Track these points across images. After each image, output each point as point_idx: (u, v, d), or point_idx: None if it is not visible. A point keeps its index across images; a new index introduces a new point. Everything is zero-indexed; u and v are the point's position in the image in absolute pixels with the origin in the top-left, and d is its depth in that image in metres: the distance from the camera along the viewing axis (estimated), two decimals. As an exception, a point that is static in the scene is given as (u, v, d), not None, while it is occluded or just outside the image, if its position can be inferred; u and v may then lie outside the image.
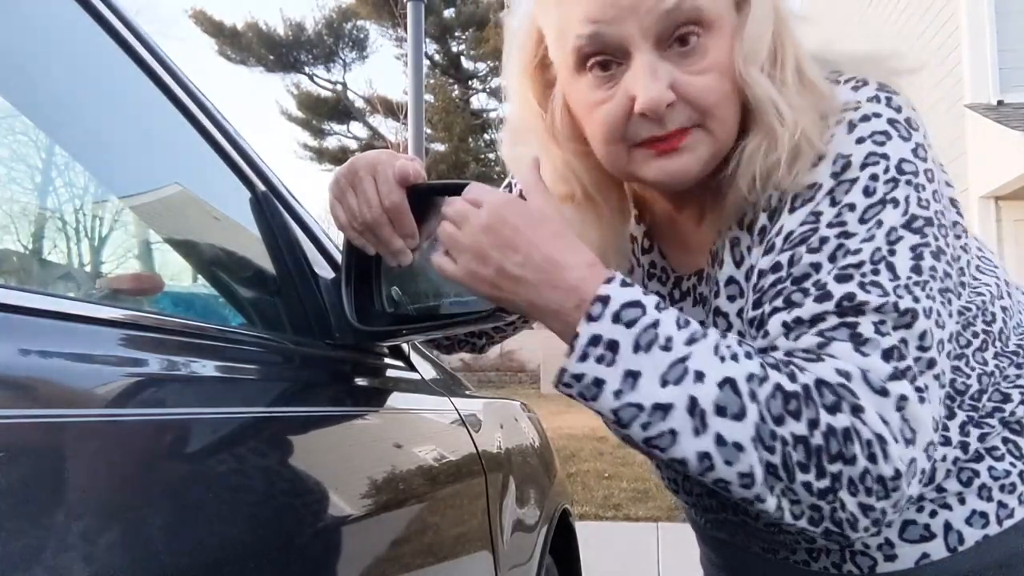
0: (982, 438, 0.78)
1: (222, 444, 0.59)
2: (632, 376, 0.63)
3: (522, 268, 0.67)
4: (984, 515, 0.76)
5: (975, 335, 0.79)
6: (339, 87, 22.43)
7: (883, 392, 0.62)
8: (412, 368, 1.16)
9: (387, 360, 1.08)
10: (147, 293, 0.93)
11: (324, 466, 0.72)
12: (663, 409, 0.62)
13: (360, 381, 0.97)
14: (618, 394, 0.63)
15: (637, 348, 0.63)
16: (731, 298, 0.76)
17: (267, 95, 51.37)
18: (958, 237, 0.77)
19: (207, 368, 0.65)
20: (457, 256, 0.70)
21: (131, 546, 0.44)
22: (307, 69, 22.27)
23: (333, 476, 0.73)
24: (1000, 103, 6.49)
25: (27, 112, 0.84)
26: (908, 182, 0.67)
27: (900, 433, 0.62)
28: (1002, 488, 0.77)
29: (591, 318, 0.64)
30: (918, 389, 0.63)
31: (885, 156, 0.67)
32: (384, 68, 50.25)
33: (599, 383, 0.64)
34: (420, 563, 0.88)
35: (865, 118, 0.68)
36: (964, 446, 0.77)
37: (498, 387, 14.27)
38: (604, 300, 0.64)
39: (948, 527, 0.76)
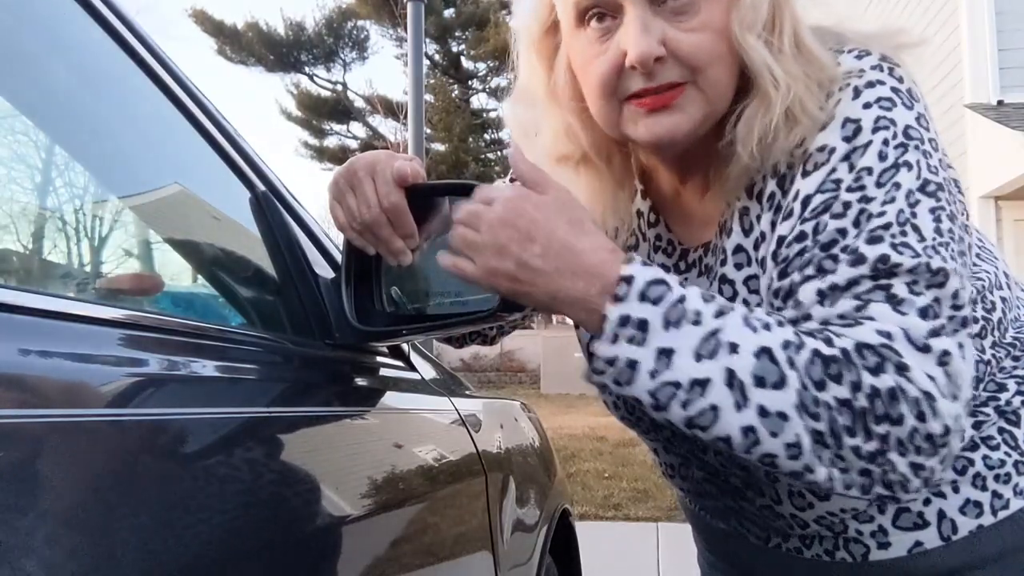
0: (977, 426, 0.78)
1: (222, 444, 0.59)
2: (666, 354, 0.62)
3: (542, 259, 0.66)
4: (978, 504, 0.76)
5: (974, 320, 0.79)
6: (339, 87, 22.44)
7: (926, 349, 0.62)
8: (412, 368, 1.16)
9: (387, 360, 1.08)
10: (147, 293, 0.93)
11: (324, 466, 0.72)
12: (701, 384, 0.62)
13: (360, 381, 0.97)
14: (654, 374, 0.62)
15: (667, 324, 0.63)
16: (738, 266, 0.77)
17: (267, 95, 51.42)
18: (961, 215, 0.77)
19: (207, 368, 0.65)
20: (475, 256, 0.69)
21: (131, 546, 0.44)
22: (307, 69, 22.26)
23: (333, 476, 0.73)
24: (1000, 103, 6.49)
25: (27, 112, 0.84)
26: (916, 147, 0.67)
27: (947, 388, 0.62)
28: (996, 478, 0.77)
29: (617, 299, 0.64)
30: (959, 345, 0.63)
31: (892, 122, 0.68)
32: (384, 68, 50.35)
33: (633, 364, 0.63)
34: (420, 563, 0.88)
35: (870, 84, 0.69)
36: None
37: (498, 387, 14.27)
38: (628, 280, 0.64)
39: (942, 515, 0.76)
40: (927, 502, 0.77)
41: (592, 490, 5.28)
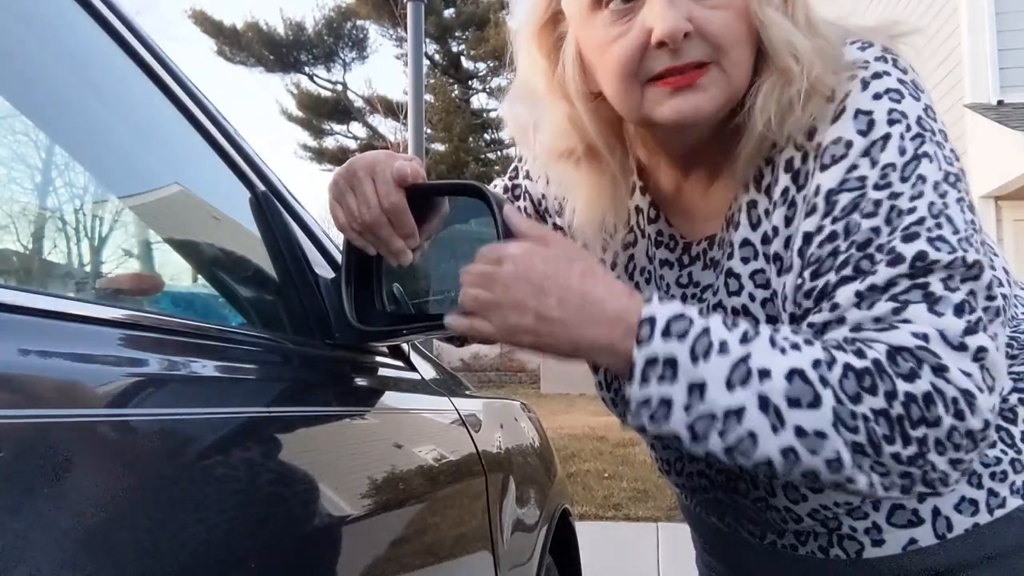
0: None
1: (222, 444, 0.59)
2: (698, 388, 0.63)
3: (560, 309, 0.66)
4: (974, 502, 0.76)
5: (1003, 320, 0.80)
6: (339, 87, 22.44)
7: (962, 347, 0.62)
8: (412, 368, 1.16)
9: (387, 360, 1.08)
10: (147, 293, 0.93)
11: (324, 466, 0.72)
12: (736, 414, 0.62)
13: (360, 381, 0.97)
14: (688, 408, 0.63)
15: (695, 358, 0.63)
16: (744, 260, 0.77)
17: (267, 95, 51.42)
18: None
19: (207, 368, 0.65)
20: (491, 316, 0.69)
21: (131, 546, 0.44)
22: (307, 69, 22.26)
23: (333, 476, 0.73)
24: (1000, 103, 6.49)
25: (27, 112, 0.84)
26: (931, 139, 0.68)
27: (984, 383, 0.62)
28: (992, 476, 0.77)
29: (641, 341, 0.64)
30: (992, 337, 0.64)
31: (904, 114, 0.68)
32: (384, 68, 50.29)
33: (666, 403, 0.64)
34: (420, 563, 0.88)
35: (876, 75, 0.70)
36: None
37: (498, 387, 14.26)
38: (651, 321, 0.65)
39: (936, 512, 0.76)
40: (922, 499, 0.77)
41: (592, 490, 5.28)
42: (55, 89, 0.81)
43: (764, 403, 0.62)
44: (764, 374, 0.62)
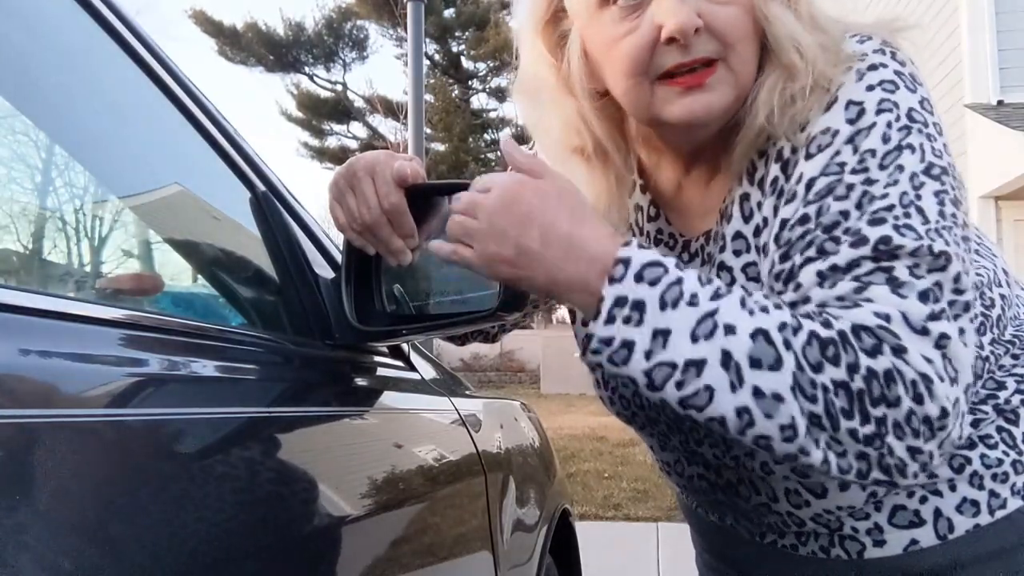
0: (975, 424, 0.78)
1: (222, 444, 0.59)
2: (662, 335, 0.62)
3: (541, 243, 0.66)
4: (975, 503, 0.76)
5: (974, 316, 0.80)
6: (339, 87, 22.44)
7: (924, 331, 0.62)
8: (412, 368, 1.16)
9: (387, 360, 1.08)
10: (147, 293, 0.93)
11: (324, 466, 0.72)
12: (696, 365, 0.62)
13: (360, 381, 0.97)
14: (649, 354, 0.63)
15: (664, 305, 0.63)
16: (736, 252, 0.77)
17: (267, 95, 51.43)
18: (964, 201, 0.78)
19: (207, 368, 0.65)
20: (473, 242, 0.69)
21: (132, 546, 0.45)
22: (307, 69, 22.25)
23: (333, 476, 0.73)
24: (1000, 103, 6.49)
25: (27, 112, 0.84)
26: (920, 131, 0.68)
27: (944, 371, 0.61)
28: (994, 477, 0.77)
29: (613, 280, 0.64)
30: (959, 331, 0.63)
31: (896, 104, 0.68)
32: (384, 68, 50.36)
33: (628, 345, 0.63)
34: (420, 563, 0.88)
35: (873, 67, 0.70)
36: None
37: (498, 387, 14.27)
38: (625, 262, 0.64)
39: (938, 514, 0.76)
40: (923, 500, 0.76)
41: (592, 490, 5.28)
42: (55, 89, 0.80)
43: (726, 359, 0.61)
44: (729, 330, 0.62)
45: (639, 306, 0.63)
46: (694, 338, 0.62)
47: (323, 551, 0.67)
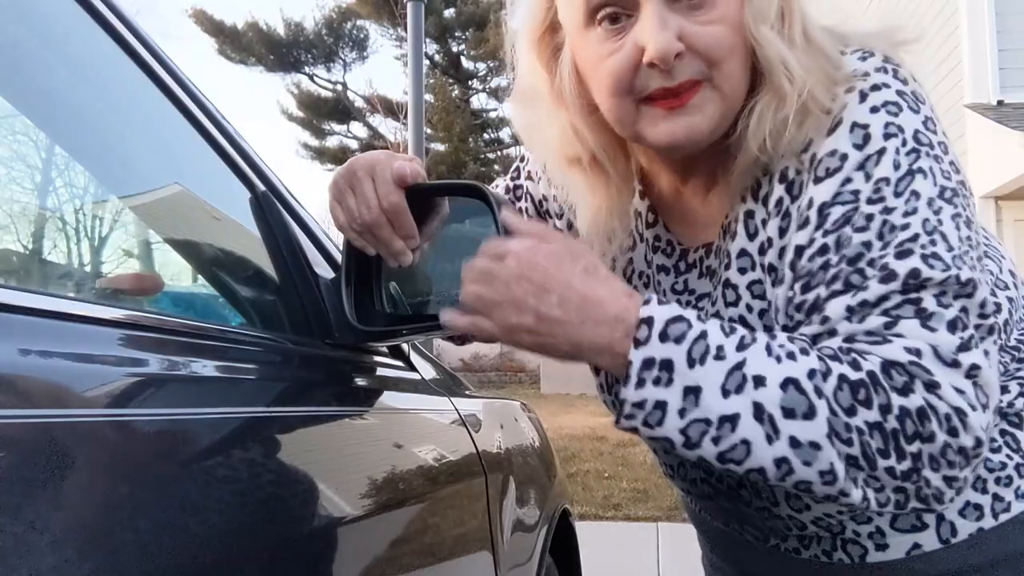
0: None
1: (222, 444, 0.59)
2: (692, 392, 0.62)
3: (560, 308, 0.66)
4: (978, 507, 0.76)
5: (996, 338, 0.79)
6: (339, 87, 22.43)
7: (955, 364, 0.62)
8: (412, 368, 1.16)
9: (387, 360, 1.08)
10: (147, 293, 0.93)
11: (324, 466, 0.72)
12: (730, 420, 0.62)
13: (360, 381, 0.97)
14: (682, 412, 0.63)
15: (692, 363, 0.63)
16: (742, 270, 0.76)
17: (267, 95, 51.43)
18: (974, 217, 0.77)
19: (207, 368, 0.65)
20: (491, 313, 0.68)
21: (131, 546, 0.44)
22: (307, 69, 22.25)
23: (333, 476, 0.73)
24: (1000, 103, 6.49)
25: (27, 112, 0.84)
26: (927, 153, 0.67)
27: (976, 400, 0.62)
28: (997, 480, 0.77)
29: (639, 342, 0.64)
30: (985, 354, 0.63)
31: (901, 128, 0.67)
32: (384, 68, 50.26)
33: (661, 406, 0.63)
34: (420, 563, 0.88)
35: (875, 87, 0.69)
36: None
37: (498, 387, 14.26)
38: (648, 322, 0.64)
39: (941, 518, 0.76)
40: (920, 515, 0.76)
41: (592, 490, 5.28)
42: (55, 89, 0.81)
43: (759, 411, 0.61)
44: (759, 381, 0.62)
45: (667, 365, 0.63)
46: (725, 393, 0.62)
47: (323, 551, 0.67)
